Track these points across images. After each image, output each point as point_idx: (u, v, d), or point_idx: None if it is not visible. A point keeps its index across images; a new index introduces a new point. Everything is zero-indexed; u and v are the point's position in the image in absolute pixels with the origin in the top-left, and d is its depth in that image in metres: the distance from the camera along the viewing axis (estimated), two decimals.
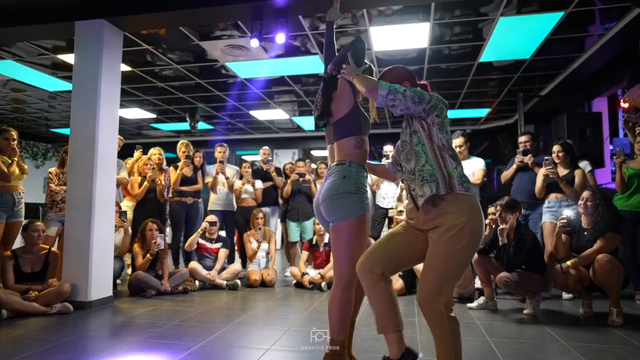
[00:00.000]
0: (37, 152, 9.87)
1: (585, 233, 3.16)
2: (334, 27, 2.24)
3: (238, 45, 4.44)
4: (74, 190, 3.57)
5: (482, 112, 7.59)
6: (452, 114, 7.71)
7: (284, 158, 9.90)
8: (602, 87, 5.33)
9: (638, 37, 4.11)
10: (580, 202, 3.22)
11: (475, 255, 3.48)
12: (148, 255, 4.08)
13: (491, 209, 4.16)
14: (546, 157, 3.89)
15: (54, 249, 3.64)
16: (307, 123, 8.51)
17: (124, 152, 5.34)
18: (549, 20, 3.86)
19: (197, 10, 3.49)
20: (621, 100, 3.76)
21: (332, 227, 1.92)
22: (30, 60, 5.01)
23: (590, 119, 5.00)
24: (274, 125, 8.75)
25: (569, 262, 3.08)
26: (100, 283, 3.55)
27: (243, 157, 11.05)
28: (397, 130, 8.92)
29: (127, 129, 9.07)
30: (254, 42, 3.64)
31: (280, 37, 3.56)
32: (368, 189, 2.75)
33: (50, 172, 4.34)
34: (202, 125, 8.40)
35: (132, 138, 10.17)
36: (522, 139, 4.46)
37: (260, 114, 7.72)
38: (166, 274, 4.21)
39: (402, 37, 4.26)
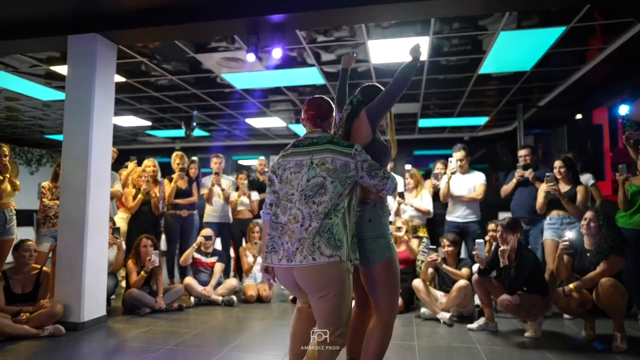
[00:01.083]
0: (31, 158, 9.76)
1: (588, 254, 3.11)
2: (348, 72, 2.49)
3: (234, 57, 4.37)
4: (67, 208, 3.48)
5: (481, 121, 7.54)
6: (449, 122, 7.67)
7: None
8: (603, 98, 5.29)
9: None
10: (583, 222, 3.17)
11: (476, 275, 3.42)
12: (142, 272, 4.00)
13: (491, 226, 4.11)
14: (548, 174, 3.83)
15: (46, 268, 3.56)
16: (304, 130, 8.42)
17: (121, 159, 5.25)
18: (550, 35, 3.81)
19: (193, 25, 3.41)
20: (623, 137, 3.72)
21: (363, 270, 1.98)
22: (23, 71, 4.91)
23: (590, 131, 4.96)
24: (270, 132, 8.68)
25: (571, 285, 3.02)
26: (93, 303, 3.47)
27: (239, 162, 10.98)
28: (398, 136, 8.90)
29: (122, 135, 8.98)
30: (250, 57, 3.57)
31: (277, 52, 3.49)
32: None
33: (43, 187, 4.25)
34: (198, 132, 8.32)
35: (128, 144, 10.09)
36: (521, 152, 4.41)
37: (257, 122, 7.64)
38: (161, 290, 4.13)
39: (400, 50, 4.19)
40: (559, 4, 3.18)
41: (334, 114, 2.14)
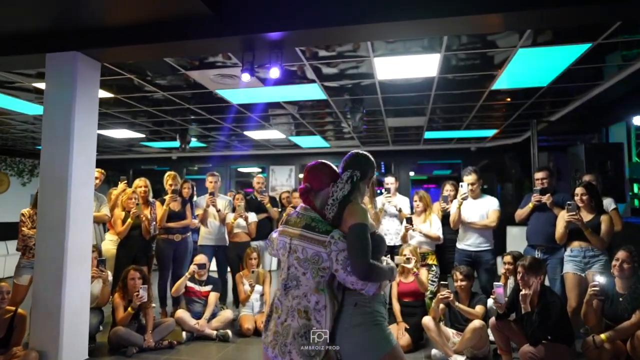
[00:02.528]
0: (23, 169, 9.46)
1: (621, 299, 2.80)
2: None
3: (229, 74, 4.06)
4: (43, 242, 3.17)
5: (489, 133, 7.22)
6: (456, 134, 7.36)
7: (280, 175, 9.53)
8: (621, 114, 4.97)
9: None
10: (615, 263, 2.86)
11: (493, 319, 3.11)
12: (129, 309, 3.69)
13: (507, 258, 3.81)
14: (569, 202, 3.52)
15: (21, 310, 3.25)
16: (304, 141, 8.14)
17: (116, 167, 4.93)
18: (573, 52, 3.50)
19: (183, 42, 3.11)
20: None
21: None
22: (7, 87, 4.62)
23: (610, 150, 4.64)
24: (270, 143, 8.38)
25: (603, 336, 2.71)
26: (72, 348, 3.15)
27: (239, 170, 10.68)
28: (399, 147, 8.58)
29: (116, 146, 8.68)
30: (245, 77, 3.26)
31: (275, 72, 3.17)
32: None
33: (23, 214, 3.96)
34: (194, 143, 8.01)
35: (123, 154, 9.79)
36: (538, 175, 4.10)
37: (256, 134, 7.34)
38: (150, 325, 3.83)
39: (409, 67, 3.88)
40: (585, 21, 2.86)
41: (337, 182, 1.80)
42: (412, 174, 9.78)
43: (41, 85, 4.49)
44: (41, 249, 3.17)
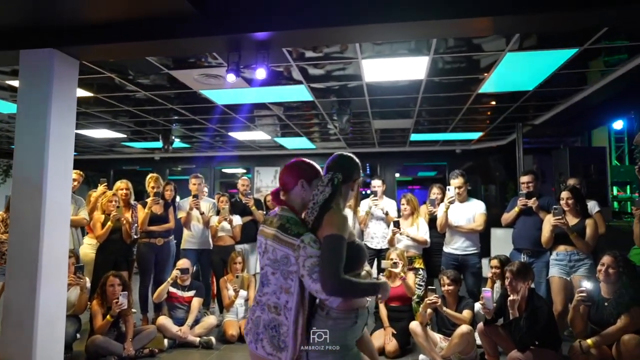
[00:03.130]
0: None
1: (606, 304, 2.81)
2: None
3: (214, 74, 3.96)
4: (16, 249, 3.01)
5: (474, 135, 7.27)
6: (442, 136, 7.38)
7: (265, 176, 9.44)
8: (604, 119, 5.04)
9: None
10: (600, 267, 2.87)
11: (481, 324, 3.09)
12: (108, 316, 3.56)
13: (494, 262, 3.80)
14: (555, 206, 3.54)
15: None
16: (290, 143, 8.07)
17: (97, 168, 4.77)
18: (560, 56, 3.51)
19: (166, 41, 3.00)
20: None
21: None
22: None
23: (594, 154, 4.69)
24: (255, 144, 8.28)
25: (589, 341, 2.71)
26: (47, 359, 3.01)
27: (223, 171, 10.54)
28: (385, 149, 8.58)
29: (97, 146, 8.46)
30: (231, 77, 3.16)
31: (261, 73, 3.09)
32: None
33: None
34: (178, 144, 7.85)
35: (104, 154, 9.56)
36: (524, 179, 4.11)
37: (240, 135, 7.23)
38: (130, 334, 3.69)
39: (397, 69, 3.85)
40: (574, 26, 2.87)
41: (310, 180, 1.74)
42: (397, 175, 9.81)
43: (16, 83, 4.31)
44: (14, 255, 3.02)
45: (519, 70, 3.88)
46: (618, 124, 6.41)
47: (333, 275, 1.45)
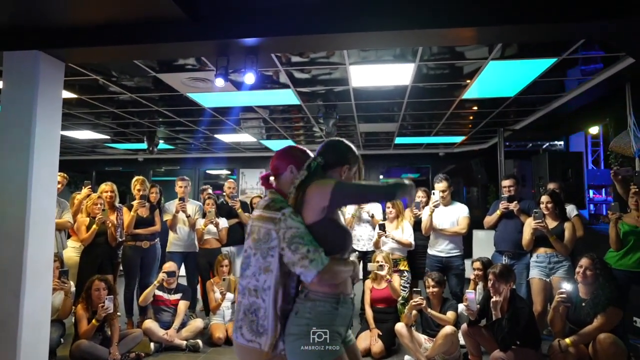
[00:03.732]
0: None
1: (584, 304, 2.92)
2: None
3: (201, 78, 3.97)
4: (0, 254, 2.97)
5: (457, 139, 7.42)
6: (426, 140, 7.52)
7: (251, 178, 9.43)
8: (582, 125, 5.22)
9: (625, 82, 3.98)
10: (578, 269, 2.98)
11: (464, 325, 3.18)
12: (94, 321, 3.53)
13: (476, 264, 3.90)
14: (535, 210, 3.67)
15: None
16: (275, 145, 8.09)
17: (80, 169, 4.69)
18: (539, 66, 3.64)
19: (154, 45, 3.00)
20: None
21: None
22: None
23: (572, 158, 4.86)
24: (241, 146, 8.27)
25: (567, 340, 2.82)
26: None
27: (207, 172, 10.48)
28: (369, 152, 8.66)
29: (79, 147, 8.31)
30: (219, 82, 3.18)
31: (250, 78, 3.12)
32: None
33: None
34: (163, 145, 7.78)
35: (86, 155, 9.39)
36: (505, 183, 4.23)
37: (226, 137, 7.22)
38: (115, 338, 3.66)
39: (384, 75, 3.92)
40: (554, 37, 2.98)
41: (299, 166, 1.74)
42: (381, 177, 9.90)
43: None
44: None
45: (501, 78, 4.00)
46: (594, 129, 6.63)
47: (364, 188, 1.64)
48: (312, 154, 1.81)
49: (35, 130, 3.04)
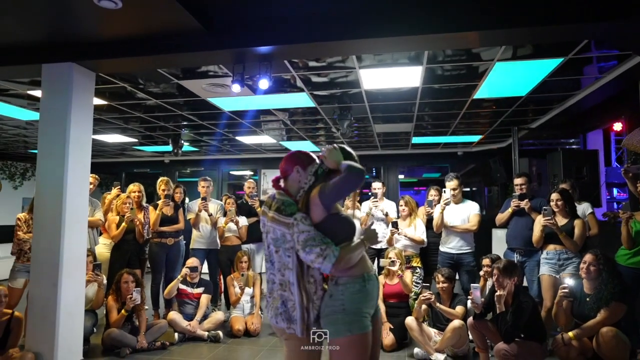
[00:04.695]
0: (15, 172, 9.48)
1: (588, 299, 2.98)
2: None
3: (220, 84, 4.20)
4: (40, 247, 3.28)
5: (474, 138, 7.43)
6: (443, 139, 7.56)
7: (272, 178, 9.65)
8: (597, 123, 5.19)
9: (638, 78, 3.97)
10: (582, 265, 3.04)
11: (470, 319, 3.28)
12: (123, 311, 3.81)
13: (485, 261, 3.97)
14: (545, 207, 3.71)
15: (18, 313, 3.35)
16: (295, 146, 8.29)
17: (109, 170, 5.04)
18: (546, 66, 3.69)
19: (175, 55, 3.24)
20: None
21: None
22: (3, 94, 4.72)
23: (586, 156, 4.84)
24: (262, 147, 8.51)
25: (570, 334, 2.89)
26: (68, 349, 3.26)
27: (231, 173, 10.79)
28: (387, 152, 8.74)
29: (109, 150, 8.76)
30: (236, 88, 3.40)
31: (264, 83, 3.32)
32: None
33: (18, 219, 4.06)
34: (187, 147, 8.12)
35: (116, 157, 9.86)
36: (517, 181, 4.28)
37: (247, 139, 7.47)
38: (143, 327, 3.94)
39: (393, 77, 4.05)
40: (556, 39, 3.06)
41: (304, 167, 1.93)
42: (401, 177, 9.97)
43: (35, 93, 4.59)
44: (37, 253, 3.28)
45: (509, 78, 4.06)
46: (618, 126, 6.52)
47: (347, 169, 1.78)
48: (314, 156, 2.00)
49: (69, 135, 3.34)
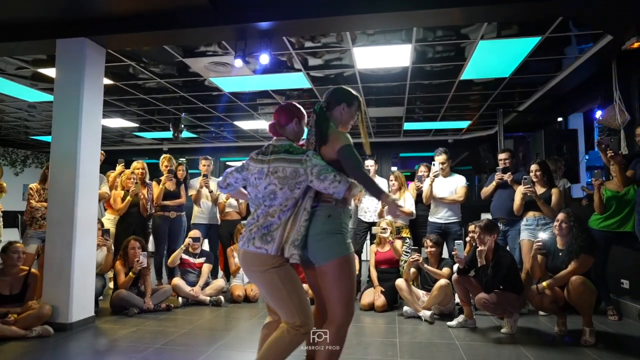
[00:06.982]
0: (16, 159, 9.66)
1: (560, 254, 3.26)
2: None
3: (222, 62, 4.45)
4: (55, 210, 3.52)
5: (464, 124, 7.73)
6: (434, 125, 7.84)
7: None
8: (578, 104, 5.49)
9: (612, 58, 4.26)
10: (555, 223, 3.33)
11: (455, 274, 3.56)
12: (130, 273, 4.05)
13: (471, 227, 4.25)
14: (525, 176, 3.99)
15: (34, 269, 3.59)
16: None
17: (107, 160, 5.28)
18: (526, 44, 3.98)
19: (181, 31, 3.49)
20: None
21: (318, 269, 1.93)
22: (9, 72, 4.92)
23: (566, 135, 5.15)
24: (258, 134, 8.76)
25: (544, 283, 3.18)
26: (81, 304, 3.51)
27: (227, 164, 11.00)
28: (381, 139, 8.99)
29: (109, 136, 8.95)
30: (238, 62, 3.65)
31: (264, 58, 3.58)
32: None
33: (30, 188, 4.28)
34: (186, 133, 8.35)
35: (115, 145, 10.05)
36: (501, 156, 4.56)
37: (245, 124, 7.71)
38: (149, 291, 4.18)
39: (384, 56, 4.32)
40: (534, 15, 3.34)
41: (300, 119, 2.13)
42: (394, 169, 10.23)
43: (43, 71, 4.80)
44: (53, 215, 3.52)
45: (493, 57, 4.35)
46: (598, 114, 6.82)
47: (360, 171, 1.91)
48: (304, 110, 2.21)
49: (82, 105, 3.58)
